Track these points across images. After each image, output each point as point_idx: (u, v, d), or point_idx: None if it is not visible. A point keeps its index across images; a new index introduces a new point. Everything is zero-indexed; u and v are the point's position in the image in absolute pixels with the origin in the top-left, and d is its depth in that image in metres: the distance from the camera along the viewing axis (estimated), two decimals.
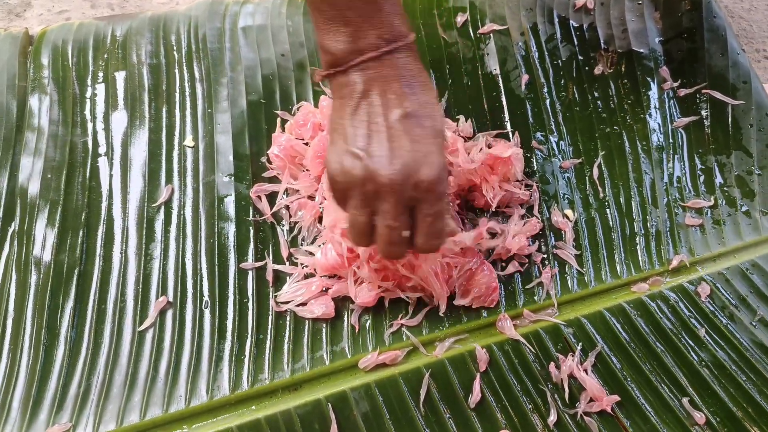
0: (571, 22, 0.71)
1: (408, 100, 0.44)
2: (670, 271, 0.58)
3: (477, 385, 0.50)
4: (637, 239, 0.59)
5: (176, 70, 0.65)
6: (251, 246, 0.56)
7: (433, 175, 0.43)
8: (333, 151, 0.45)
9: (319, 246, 0.55)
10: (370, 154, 0.43)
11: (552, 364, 0.52)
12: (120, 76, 0.64)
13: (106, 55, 0.65)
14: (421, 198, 0.43)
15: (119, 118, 0.62)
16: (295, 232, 0.57)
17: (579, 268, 0.57)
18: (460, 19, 0.70)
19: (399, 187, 0.42)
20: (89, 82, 0.64)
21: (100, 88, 0.64)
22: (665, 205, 0.61)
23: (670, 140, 0.65)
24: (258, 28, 0.68)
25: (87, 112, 0.63)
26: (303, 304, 0.53)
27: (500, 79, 0.67)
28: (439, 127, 0.45)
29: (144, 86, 0.64)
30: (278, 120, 0.63)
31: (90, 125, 0.62)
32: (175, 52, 0.66)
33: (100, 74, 0.65)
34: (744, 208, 0.62)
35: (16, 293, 0.53)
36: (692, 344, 0.54)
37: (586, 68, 0.68)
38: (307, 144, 0.60)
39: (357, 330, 0.53)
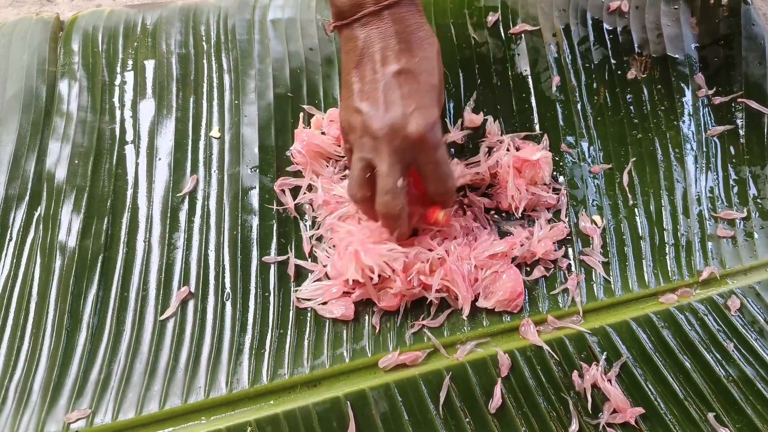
0: (604, 24, 0.69)
1: (404, 56, 0.46)
2: (700, 282, 0.57)
3: (498, 390, 0.50)
4: (667, 249, 0.58)
5: (204, 61, 0.65)
6: (274, 240, 0.56)
7: (421, 129, 0.45)
8: (341, 104, 0.49)
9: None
10: (366, 109, 0.46)
11: (575, 373, 0.51)
12: (149, 65, 0.64)
13: (136, 44, 0.66)
14: (414, 150, 0.46)
15: (147, 107, 0.62)
16: (317, 228, 0.57)
17: (606, 276, 0.56)
18: (491, 18, 0.69)
19: (389, 139, 0.45)
20: (118, 69, 0.64)
21: (129, 76, 0.64)
22: (697, 215, 0.60)
23: (704, 149, 0.63)
24: (287, 21, 0.67)
25: (115, 99, 0.63)
26: (324, 302, 0.53)
27: (530, 80, 0.66)
28: (435, 82, 0.47)
29: (172, 76, 0.64)
30: (301, 115, 0.62)
31: (118, 113, 0.62)
32: (204, 43, 0.66)
33: (130, 62, 0.65)
34: None
35: (40, 277, 0.54)
36: (720, 358, 0.53)
37: (619, 72, 0.67)
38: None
39: (378, 330, 0.52)
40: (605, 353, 0.52)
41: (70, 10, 0.73)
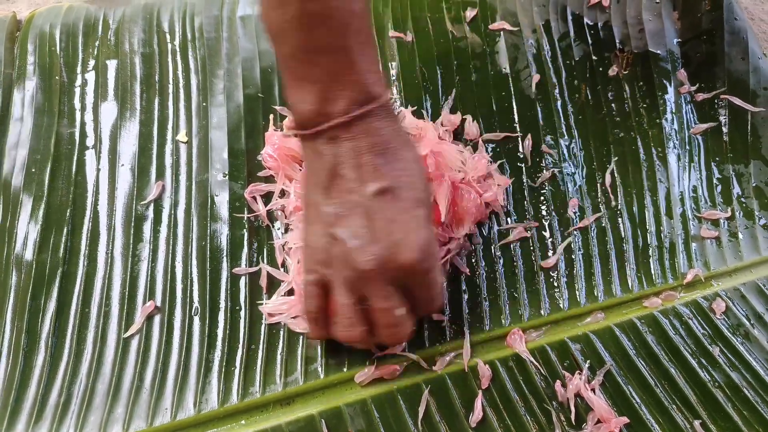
0: (585, 19, 0.67)
1: (382, 172, 0.40)
2: (684, 285, 0.55)
3: (479, 403, 0.48)
4: (650, 251, 0.57)
5: (170, 60, 0.62)
6: (245, 250, 0.53)
7: (414, 257, 0.40)
8: (309, 231, 0.43)
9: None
10: (348, 238, 0.40)
11: (558, 383, 0.49)
12: (111, 65, 0.61)
13: (96, 42, 0.62)
14: (406, 277, 0.41)
15: (109, 109, 0.59)
16: (289, 236, 0.54)
17: (588, 280, 0.55)
18: (470, 14, 0.66)
19: (380, 272, 0.40)
20: (78, 69, 0.61)
21: (90, 77, 0.61)
22: (680, 215, 0.58)
23: (687, 147, 0.62)
24: (258, 18, 0.64)
25: (75, 101, 0.59)
26: (295, 316, 0.50)
27: (510, 78, 0.64)
28: (420, 195, 0.42)
29: (136, 76, 0.61)
30: (271, 117, 0.59)
31: (78, 116, 0.59)
32: (169, 41, 0.63)
33: (90, 62, 0.61)
34: (762, 221, 0.59)
35: None
36: (706, 364, 0.51)
37: (600, 69, 0.65)
38: None
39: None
40: (588, 361, 0.51)
41: (29, 8, 0.69)
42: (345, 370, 0.49)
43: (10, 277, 0.51)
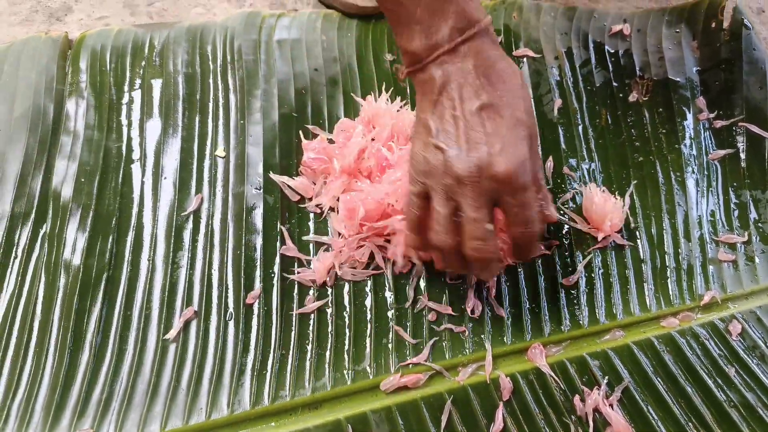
0: (606, 47, 0.70)
1: (484, 91, 0.43)
2: (701, 306, 0.57)
3: (500, 414, 0.50)
4: (668, 272, 0.58)
5: (210, 81, 0.66)
6: (277, 259, 0.56)
7: (508, 168, 0.42)
8: (416, 143, 0.46)
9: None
10: (448, 147, 0.43)
11: (577, 397, 0.51)
12: (156, 84, 0.65)
13: (143, 63, 0.66)
14: (501, 190, 0.43)
15: (153, 126, 0.63)
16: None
17: (608, 299, 0.56)
18: None
19: (476, 180, 0.42)
20: (126, 88, 0.65)
21: (137, 95, 0.65)
22: (698, 238, 0.60)
23: (705, 172, 0.64)
24: (293, 42, 0.68)
25: (123, 117, 0.63)
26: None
27: (533, 102, 0.66)
28: (520, 116, 0.44)
29: (179, 95, 0.65)
30: (301, 134, 0.62)
31: (125, 131, 0.63)
32: (210, 63, 0.67)
33: (137, 81, 0.65)
34: None
35: (44, 296, 0.54)
36: (721, 383, 0.53)
37: (621, 95, 0.67)
38: None
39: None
40: (607, 377, 0.52)
41: (79, 29, 0.74)
42: (371, 377, 0.51)
43: (58, 279, 0.54)
